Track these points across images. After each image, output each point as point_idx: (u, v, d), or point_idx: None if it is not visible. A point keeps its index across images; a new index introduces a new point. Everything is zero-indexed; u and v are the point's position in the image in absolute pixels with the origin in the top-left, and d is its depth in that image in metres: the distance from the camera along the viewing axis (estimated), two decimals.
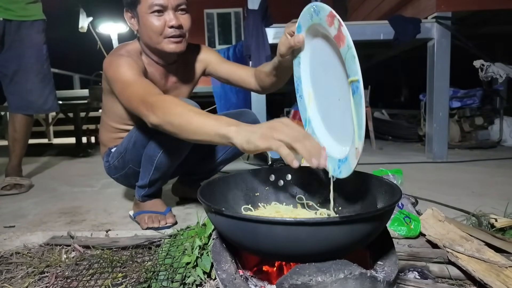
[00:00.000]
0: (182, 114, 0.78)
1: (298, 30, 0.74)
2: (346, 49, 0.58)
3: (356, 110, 0.57)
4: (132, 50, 1.07)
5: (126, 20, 1.07)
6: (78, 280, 0.83)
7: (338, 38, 0.60)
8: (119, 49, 1.07)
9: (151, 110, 0.83)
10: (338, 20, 0.59)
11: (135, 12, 1.03)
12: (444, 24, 2.21)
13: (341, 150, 0.65)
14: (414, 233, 0.95)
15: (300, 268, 0.52)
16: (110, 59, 1.02)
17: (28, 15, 1.70)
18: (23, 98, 1.71)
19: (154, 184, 1.15)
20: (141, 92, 0.89)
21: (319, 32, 0.68)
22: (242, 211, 0.78)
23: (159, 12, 1.00)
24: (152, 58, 1.10)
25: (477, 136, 2.89)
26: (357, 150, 0.57)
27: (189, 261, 0.80)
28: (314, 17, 0.67)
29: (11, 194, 1.65)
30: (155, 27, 1.00)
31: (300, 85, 0.76)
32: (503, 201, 1.22)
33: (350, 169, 0.61)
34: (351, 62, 0.57)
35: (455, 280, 0.79)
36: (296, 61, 0.78)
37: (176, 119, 0.78)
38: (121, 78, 0.96)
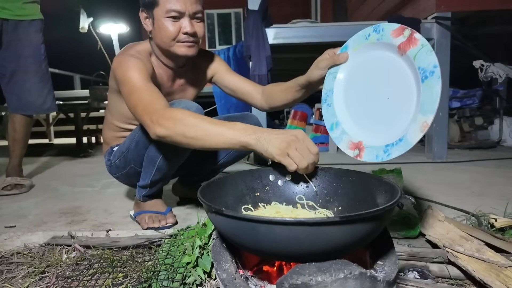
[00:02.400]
0: (197, 125, 0.80)
1: (343, 50, 0.92)
2: (420, 47, 0.74)
3: (430, 90, 0.72)
4: (142, 50, 1.07)
5: (141, 19, 1.07)
6: (78, 280, 0.83)
7: (407, 43, 0.77)
8: (129, 48, 1.07)
9: (158, 122, 0.84)
10: (409, 30, 0.77)
11: (151, 14, 1.03)
12: (444, 24, 2.21)
13: (387, 138, 0.78)
14: (414, 233, 0.95)
15: (300, 268, 0.53)
16: (120, 59, 1.02)
17: (25, 15, 1.69)
18: (22, 98, 1.71)
19: (155, 185, 1.15)
20: (148, 102, 0.90)
21: (372, 48, 0.86)
22: (242, 211, 0.79)
23: (175, 18, 1.01)
24: (161, 60, 1.11)
25: (477, 136, 2.89)
26: (426, 123, 0.71)
27: (190, 261, 0.81)
28: (371, 35, 0.86)
29: (11, 194, 1.66)
30: (169, 32, 1.01)
31: (331, 96, 0.91)
32: (503, 201, 1.22)
33: (410, 144, 0.73)
34: (426, 55, 0.73)
35: (455, 280, 0.79)
36: (330, 77, 0.93)
37: (190, 130, 0.81)
38: (129, 81, 0.96)
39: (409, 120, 0.75)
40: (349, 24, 2.42)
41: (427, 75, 0.73)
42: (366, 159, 0.80)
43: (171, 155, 1.06)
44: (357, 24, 2.41)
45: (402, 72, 0.78)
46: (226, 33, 7.27)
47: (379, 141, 0.80)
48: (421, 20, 2.24)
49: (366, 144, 0.82)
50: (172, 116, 0.84)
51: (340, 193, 0.81)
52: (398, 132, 0.76)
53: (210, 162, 1.32)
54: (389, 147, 0.77)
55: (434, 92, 0.71)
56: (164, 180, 1.17)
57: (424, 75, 0.73)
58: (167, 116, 0.84)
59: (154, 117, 0.85)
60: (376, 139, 0.81)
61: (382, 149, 0.78)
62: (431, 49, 0.72)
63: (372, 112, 0.84)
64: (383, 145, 0.78)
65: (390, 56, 0.81)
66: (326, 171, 0.85)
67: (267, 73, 2.13)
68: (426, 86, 0.73)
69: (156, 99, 0.91)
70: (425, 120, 0.71)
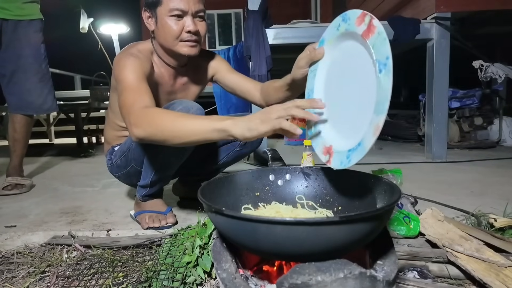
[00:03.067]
0: (174, 120, 0.80)
1: (320, 45, 0.83)
2: (376, 36, 0.65)
3: (381, 85, 0.62)
4: (143, 49, 1.08)
5: (144, 19, 1.08)
6: (79, 280, 0.83)
7: (367, 31, 0.67)
8: (131, 47, 1.07)
9: (135, 124, 0.83)
10: (369, 16, 0.68)
11: (154, 13, 1.04)
12: (444, 24, 2.21)
13: (351, 143, 0.70)
14: (414, 232, 0.95)
15: (300, 268, 0.53)
16: (119, 57, 1.03)
17: (25, 15, 1.69)
18: (22, 98, 1.71)
19: (155, 185, 1.15)
20: (130, 103, 0.89)
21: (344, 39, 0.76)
22: (242, 211, 0.79)
23: (178, 17, 1.01)
24: (163, 59, 1.11)
25: (476, 136, 2.89)
26: (378, 126, 0.62)
27: (190, 260, 0.81)
28: (341, 25, 0.75)
29: (12, 194, 1.66)
30: (173, 30, 1.02)
31: (312, 95, 0.85)
32: (503, 201, 1.23)
33: (365, 149, 0.65)
34: (380, 45, 0.63)
35: (454, 279, 0.79)
36: (311, 74, 0.86)
37: (167, 126, 0.79)
38: (123, 80, 0.96)
39: (368, 122, 0.65)
40: None
41: (381, 68, 0.62)
42: (334, 165, 0.74)
43: (171, 155, 1.06)
44: None
45: (366, 66, 0.67)
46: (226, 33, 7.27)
47: (345, 146, 0.72)
48: (420, 20, 2.24)
49: (335, 148, 0.75)
50: (147, 116, 0.83)
51: (340, 193, 0.82)
52: (359, 136, 0.67)
53: (210, 162, 1.33)
54: (351, 152, 0.69)
55: (384, 88, 0.61)
56: (165, 179, 1.17)
57: (379, 68, 0.63)
58: (142, 116, 0.83)
59: (132, 118, 0.85)
60: (344, 143, 0.73)
61: (345, 155, 0.71)
62: (385, 37, 0.62)
63: (344, 113, 0.75)
64: (346, 150, 0.70)
65: (358, 48, 0.70)
66: (326, 171, 0.85)
67: (267, 73, 2.14)
68: (379, 81, 0.63)
69: (138, 99, 0.89)
70: (377, 122, 0.62)
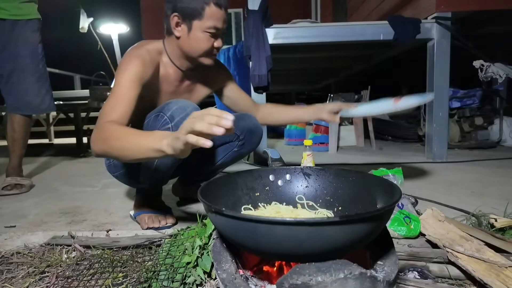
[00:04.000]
0: (121, 137, 0.80)
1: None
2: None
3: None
4: (152, 49, 1.06)
5: (171, 23, 1.05)
6: (78, 280, 0.83)
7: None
8: (140, 47, 1.06)
9: (93, 139, 0.84)
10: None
11: (189, 23, 1.03)
12: (444, 24, 2.21)
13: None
14: (414, 233, 0.95)
15: (300, 268, 0.53)
16: (126, 56, 1.02)
17: (22, 14, 1.69)
18: (20, 98, 1.70)
19: (154, 185, 1.15)
20: (104, 112, 0.90)
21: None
22: (242, 211, 0.79)
23: (212, 34, 1.04)
24: (174, 61, 1.11)
25: (477, 136, 2.89)
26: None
27: (190, 261, 0.81)
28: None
29: (12, 194, 1.66)
30: (205, 45, 1.05)
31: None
32: (503, 201, 1.22)
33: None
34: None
35: (455, 280, 0.79)
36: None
37: (116, 145, 0.80)
38: (116, 82, 0.96)
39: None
40: (349, 24, 2.42)
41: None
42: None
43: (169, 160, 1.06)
44: (357, 24, 2.41)
45: None
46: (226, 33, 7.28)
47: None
48: (421, 20, 2.24)
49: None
50: (103, 133, 0.83)
51: (340, 193, 0.82)
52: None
53: (209, 162, 1.32)
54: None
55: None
56: (163, 180, 1.16)
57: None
58: (100, 132, 0.84)
59: (94, 133, 0.86)
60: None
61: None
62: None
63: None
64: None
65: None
66: (326, 171, 0.85)
67: (267, 73, 2.13)
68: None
69: (111, 112, 0.89)
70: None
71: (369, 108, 1.19)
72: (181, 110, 0.96)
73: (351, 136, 3.28)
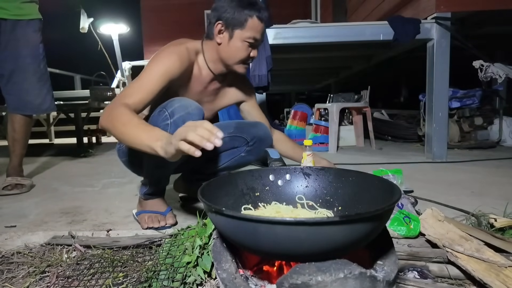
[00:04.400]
0: (125, 123, 0.87)
1: None
2: None
3: None
4: (191, 48, 1.11)
5: (214, 29, 1.10)
6: (79, 280, 0.83)
7: None
8: (181, 43, 1.10)
9: (104, 114, 0.92)
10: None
11: (231, 31, 1.09)
12: (444, 24, 2.21)
13: None
14: (414, 233, 0.95)
15: (300, 268, 0.53)
16: (166, 47, 1.06)
17: (23, 14, 1.69)
18: (21, 98, 1.71)
19: (155, 183, 1.15)
20: (123, 94, 0.98)
21: None
22: (243, 211, 0.79)
23: (251, 44, 1.10)
24: (208, 64, 1.15)
25: (477, 136, 2.89)
26: None
27: (190, 260, 0.81)
28: None
29: (12, 194, 1.66)
30: (242, 54, 1.11)
31: None
32: (503, 201, 1.23)
33: None
34: None
35: (454, 279, 0.79)
36: None
37: (117, 129, 0.88)
38: (146, 70, 1.02)
39: None
40: (349, 25, 2.42)
41: None
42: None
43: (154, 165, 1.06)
44: (356, 24, 2.41)
45: None
46: None
47: None
48: (421, 20, 2.25)
49: None
50: (112, 112, 0.91)
51: (340, 193, 0.82)
52: None
53: (213, 163, 1.33)
54: None
55: None
56: (165, 176, 1.17)
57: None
58: (111, 110, 0.92)
59: (107, 107, 0.94)
60: None
61: None
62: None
63: None
64: None
65: None
66: (326, 171, 0.85)
67: (267, 73, 2.14)
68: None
69: (129, 95, 0.96)
70: None
71: None
72: (183, 108, 0.97)
73: (351, 136, 3.28)
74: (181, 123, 0.92)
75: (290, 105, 5.26)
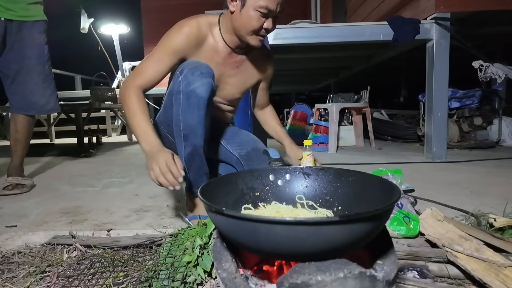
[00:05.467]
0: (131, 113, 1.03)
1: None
2: None
3: None
4: (203, 22, 1.13)
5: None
6: (79, 279, 0.83)
7: None
8: (192, 18, 1.12)
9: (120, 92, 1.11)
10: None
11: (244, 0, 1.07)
12: (443, 25, 2.22)
13: None
14: (413, 232, 0.95)
15: (300, 267, 0.53)
16: (177, 25, 1.11)
17: (29, 15, 1.70)
18: (25, 98, 1.71)
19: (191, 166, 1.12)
20: (137, 71, 1.09)
21: None
22: (243, 211, 0.79)
23: (263, 14, 1.05)
24: (224, 36, 1.16)
25: (476, 136, 2.90)
26: None
27: (190, 260, 0.81)
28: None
29: (13, 194, 1.66)
30: (254, 24, 1.06)
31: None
32: (502, 201, 1.23)
33: None
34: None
35: (454, 279, 0.79)
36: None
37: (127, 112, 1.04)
38: (159, 45, 1.10)
39: None
40: (349, 25, 2.42)
41: None
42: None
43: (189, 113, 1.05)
44: (356, 24, 2.41)
45: None
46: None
47: None
48: (420, 21, 2.25)
49: None
50: (124, 97, 1.05)
51: (340, 193, 0.82)
52: None
53: None
54: None
55: None
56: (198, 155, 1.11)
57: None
58: (125, 92, 1.05)
59: (122, 87, 1.07)
60: None
61: None
62: None
63: None
64: None
65: None
66: (326, 171, 0.85)
67: None
68: None
69: (145, 72, 1.07)
70: None
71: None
72: (190, 63, 1.06)
73: (350, 136, 3.29)
74: (190, 75, 1.03)
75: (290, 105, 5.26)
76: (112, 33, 5.08)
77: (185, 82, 1.02)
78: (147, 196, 1.57)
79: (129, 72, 5.30)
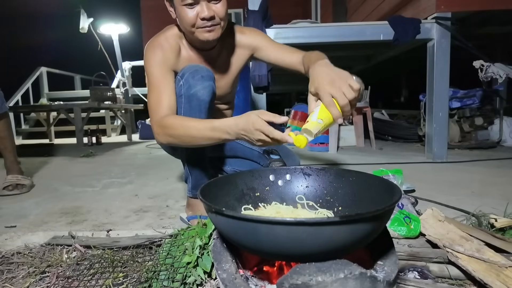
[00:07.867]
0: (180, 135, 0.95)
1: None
2: None
3: None
4: (171, 36, 1.12)
5: (167, 8, 1.10)
6: (79, 280, 0.83)
7: None
8: (159, 36, 1.12)
9: (157, 133, 0.99)
10: None
11: (172, 3, 1.06)
12: (444, 24, 2.21)
13: None
14: (414, 233, 0.95)
15: (300, 268, 0.53)
16: (146, 48, 1.09)
17: None
18: None
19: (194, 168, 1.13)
20: (153, 106, 1.03)
21: None
22: (243, 211, 0.79)
23: (191, 5, 1.02)
24: (191, 43, 1.15)
25: (477, 136, 2.89)
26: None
27: (190, 260, 0.81)
28: None
29: (12, 195, 1.66)
30: (188, 18, 1.03)
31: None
32: (503, 201, 1.22)
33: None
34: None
35: (455, 280, 0.79)
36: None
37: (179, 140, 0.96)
38: (149, 75, 1.06)
39: None
40: (349, 25, 2.42)
41: None
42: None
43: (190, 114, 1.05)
44: (357, 24, 2.41)
45: None
46: None
47: None
48: (421, 20, 2.24)
49: None
50: (165, 128, 0.97)
51: (340, 193, 0.82)
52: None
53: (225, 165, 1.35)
54: None
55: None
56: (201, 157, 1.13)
57: None
58: (161, 127, 0.98)
59: (154, 127, 1.00)
60: None
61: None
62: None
63: None
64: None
65: None
66: (326, 171, 0.85)
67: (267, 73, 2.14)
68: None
69: (159, 105, 1.02)
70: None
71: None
72: (190, 67, 1.05)
73: (351, 136, 3.28)
74: (191, 79, 1.02)
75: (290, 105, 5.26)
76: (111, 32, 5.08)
77: (186, 85, 1.03)
78: (147, 196, 1.57)
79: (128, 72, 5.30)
